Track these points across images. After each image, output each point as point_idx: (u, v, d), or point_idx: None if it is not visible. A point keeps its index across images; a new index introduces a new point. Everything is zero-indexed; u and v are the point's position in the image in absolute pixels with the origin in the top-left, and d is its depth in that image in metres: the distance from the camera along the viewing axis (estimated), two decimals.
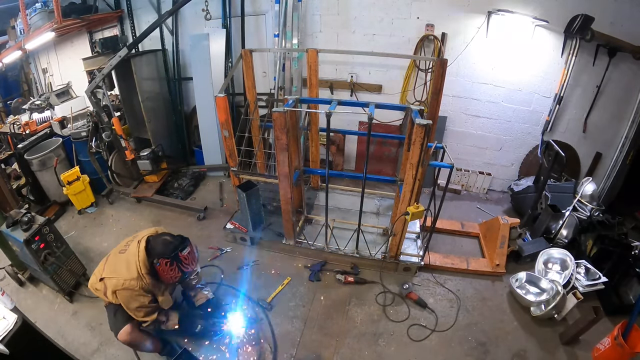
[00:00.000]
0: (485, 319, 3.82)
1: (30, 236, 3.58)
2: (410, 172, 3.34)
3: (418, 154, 3.19)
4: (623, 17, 4.44)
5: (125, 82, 5.61)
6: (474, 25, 4.91)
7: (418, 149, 3.16)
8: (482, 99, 5.38)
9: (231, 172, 4.47)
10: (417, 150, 3.17)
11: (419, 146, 3.13)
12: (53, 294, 4.10)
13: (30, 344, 2.65)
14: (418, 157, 3.21)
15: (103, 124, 5.22)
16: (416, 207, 3.47)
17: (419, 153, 3.18)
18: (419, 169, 3.32)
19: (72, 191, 5.10)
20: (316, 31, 5.52)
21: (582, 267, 3.98)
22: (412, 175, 3.35)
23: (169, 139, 6.36)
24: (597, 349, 3.35)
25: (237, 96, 6.19)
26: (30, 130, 5.60)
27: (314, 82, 4.47)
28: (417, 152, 3.18)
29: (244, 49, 4.76)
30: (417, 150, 3.17)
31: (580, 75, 4.87)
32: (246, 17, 5.59)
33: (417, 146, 3.14)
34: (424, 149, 3.18)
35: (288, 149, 3.60)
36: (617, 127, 5.05)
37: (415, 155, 3.21)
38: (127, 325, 2.99)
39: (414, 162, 3.26)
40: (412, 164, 3.27)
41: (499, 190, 6.08)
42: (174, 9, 5.04)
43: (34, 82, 7.63)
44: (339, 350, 3.47)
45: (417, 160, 3.23)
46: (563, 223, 4.52)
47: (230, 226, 4.74)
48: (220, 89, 4.01)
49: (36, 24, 5.67)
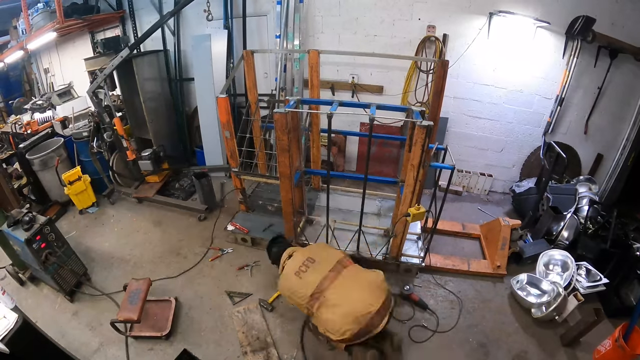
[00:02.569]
0: (486, 321, 3.82)
1: (31, 236, 3.58)
2: (412, 173, 3.34)
3: (419, 155, 3.18)
4: (624, 19, 4.44)
5: (126, 83, 5.63)
6: (475, 26, 4.91)
7: (419, 150, 3.15)
8: (483, 100, 5.38)
9: (232, 172, 4.49)
10: (418, 152, 3.17)
11: (420, 147, 3.13)
12: (54, 294, 4.11)
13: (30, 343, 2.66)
14: (419, 158, 3.21)
15: (104, 124, 5.23)
16: (417, 208, 3.47)
17: (420, 154, 3.18)
18: (420, 170, 3.32)
19: (73, 191, 5.10)
20: (317, 32, 5.53)
21: (583, 268, 3.97)
22: (413, 176, 3.35)
23: (170, 140, 6.37)
24: (598, 351, 3.35)
25: (239, 97, 6.20)
26: (32, 130, 5.61)
27: (315, 83, 4.48)
28: (418, 153, 3.18)
29: (246, 49, 4.76)
30: (418, 151, 3.17)
31: (582, 76, 4.87)
32: (248, 18, 5.60)
33: (418, 147, 3.14)
34: (425, 150, 3.18)
35: (289, 150, 3.60)
36: (618, 128, 5.04)
37: (417, 157, 3.21)
38: None
39: (415, 163, 3.25)
40: (413, 165, 3.27)
41: (500, 191, 6.07)
42: (176, 10, 5.05)
43: (36, 82, 7.67)
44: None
45: (418, 162, 3.23)
46: (564, 225, 4.51)
47: (231, 227, 4.74)
48: (221, 89, 4.03)
49: (38, 24, 5.70)
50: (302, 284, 3.29)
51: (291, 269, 3.44)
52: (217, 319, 3.80)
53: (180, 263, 4.53)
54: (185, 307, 3.94)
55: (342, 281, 3.26)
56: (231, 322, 3.75)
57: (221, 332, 3.68)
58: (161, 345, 3.54)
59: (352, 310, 3.06)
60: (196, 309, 3.93)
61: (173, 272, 4.38)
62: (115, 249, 4.77)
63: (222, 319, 3.80)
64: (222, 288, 4.16)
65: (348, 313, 3.05)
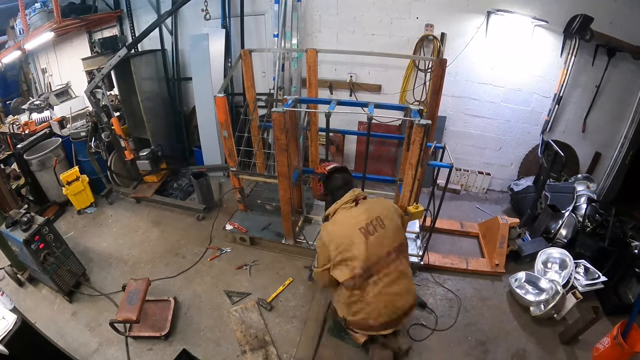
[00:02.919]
0: (485, 319, 3.82)
1: (29, 236, 3.57)
2: (410, 172, 3.33)
3: (417, 153, 3.18)
4: (622, 17, 4.44)
5: (124, 82, 5.61)
6: (473, 25, 4.91)
7: (417, 149, 3.15)
8: (481, 98, 5.38)
9: (230, 172, 4.48)
10: (416, 150, 3.17)
11: (419, 146, 3.13)
12: (52, 294, 4.10)
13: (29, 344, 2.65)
14: (417, 157, 3.20)
15: (102, 124, 5.22)
16: (415, 207, 3.47)
17: (419, 153, 3.18)
18: (419, 169, 3.32)
19: (71, 191, 5.09)
20: (315, 31, 5.52)
21: (582, 266, 3.98)
22: (412, 175, 3.34)
23: (168, 139, 6.36)
24: (596, 349, 3.35)
25: (237, 96, 6.19)
26: (30, 130, 5.60)
27: (313, 82, 4.48)
28: (416, 152, 3.18)
29: (243, 49, 4.76)
30: (416, 150, 3.16)
31: (580, 75, 4.87)
32: (245, 17, 5.59)
33: (417, 146, 3.14)
34: (423, 149, 3.18)
35: (287, 149, 3.60)
36: (616, 127, 5.05)
37: (415, 155, 3.21)
38: None
39: (413, 162, 3.25)
40: (412, 163, 3.27)
41: (499, 190, 6.07)
42: (174, 9, 5.04)
43: (33, 82, 7.65)
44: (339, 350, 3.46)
45: (417, 160, 3.23)
46: (562, 223, 4.51)
47: (229, 227, 4.73)
48: (219, 89, 4.02)
49: (35, 24, 5.68)
50: (367, 245, 2.81)
51: (354, 219, 2.91)
52: (216, 319, 3.80)
53: (179, 263, 4.52)
54: (184, 306, 3.93)
55: (398, 266, 2.93)
56: (230, 321, 3.75)
57: (220, 331, 3.67)
58: (160, 345, 3.54)
59: (394, 300, 2.90)
60: (195, 308, 3.92)
61: (172, 271, 4.38)
62: (114, 249, 4.76)
63: (221, 319, 3.80)
64: (220, 287, 4.16)
65: (390, 302, 2.89)
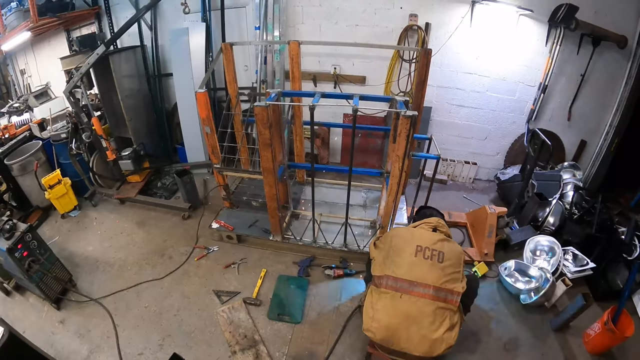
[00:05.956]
0: (476, 308, 3.79)
1: (12, 244, 3.46)
2: (397, 164, 3.30)
3: (404, 145, 3.14)
4: (607, 7, 4.46)
5: (104, 81, 5.47)
6: (458, 14, 4.89)
7: (404, 141, 3.11)
8: (466, 88, 5.38)
9: (214, 169, 4.40)
10: (403, 142, 3.13)
11: (405, 137, 3.09)
12: (40, 302, 3.99)
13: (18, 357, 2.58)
14: (404, 148, 3.17)
15: (83, 124, 5.10)
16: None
17: (405, 144, 3.14)
18: (406, 161, 3.29)
19: (54, 195, 4.96)
20: (298, 23, 5.45)
21: (570, 253, 4.01)
22: (399, 167, 3.31)
23: (150, 138, 6.24)
24: (587, 335, 3.38)
25: (219, 91, 6.10)
26: (10, 134, 5.41)
27: (296, 75, 4.41)
28: (403, 144, 3.14)
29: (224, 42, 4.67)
30: (403, 141, 3.12)
31: (565, 64, 4.89)
32: (226, 10, 5.49)
33: (403, 138, 3.10)
34: (409, 141, 3.15)
35: (272, 144, 3.53)
36: (601, 115, 5.09)
37: (402, 147, 3.17)
38: None
39: (400, 154, 3.22)
40: (399, 155, 3.23)
41: (485, 179, 6.09)
42: (152, 4, 4.94)
43: (12, 84, 7.44)
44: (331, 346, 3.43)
45: (404, 152, 3.19)
46: (550, 211, 4.53)
47: (216, 225, 4.66)
48: (200, 84, 3.94)
49: (12, 24, 5.54)
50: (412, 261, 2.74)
51: (421, 237, 2.83)
52: (206, 320, 3.73)
53: (165, 264, 4.44)
54: (173, 309, 3.87)
55: (423, 304, 2.70)
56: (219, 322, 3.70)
57: (211, 332, 3.61)
58: (151, 349, 3.47)
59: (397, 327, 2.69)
60: (184, 310, 3.85)
61: (159, 273, 4.29)
62: (100, 253, 4.65)
63: (211, 319, 3.73)
64: (209, 287, 4.09)
65: (393, 324, 2.70)
